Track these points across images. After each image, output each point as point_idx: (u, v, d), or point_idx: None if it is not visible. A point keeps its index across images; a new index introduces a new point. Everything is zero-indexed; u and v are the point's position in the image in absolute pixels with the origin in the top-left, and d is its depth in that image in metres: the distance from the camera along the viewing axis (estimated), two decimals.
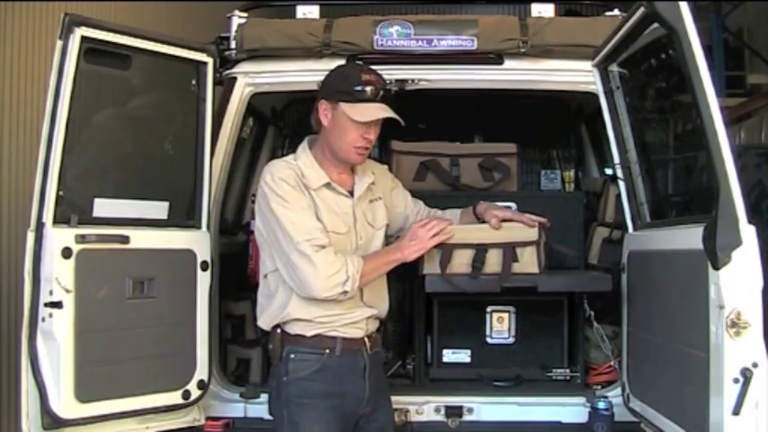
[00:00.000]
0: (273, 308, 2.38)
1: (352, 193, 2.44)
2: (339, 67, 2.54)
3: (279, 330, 2.38)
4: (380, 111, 2.35)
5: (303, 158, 2.40)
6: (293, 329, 2.36)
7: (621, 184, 2.78)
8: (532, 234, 2.56)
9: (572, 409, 2.86)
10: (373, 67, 2.98)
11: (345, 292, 2.30)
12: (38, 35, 3.90)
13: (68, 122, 2.41)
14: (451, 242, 2.54)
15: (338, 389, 2.36)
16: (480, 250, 2.54)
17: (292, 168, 2.36)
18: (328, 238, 2.32)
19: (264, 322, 2.42)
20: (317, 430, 2.33)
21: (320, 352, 2.34)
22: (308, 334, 2.35)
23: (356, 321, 2.39)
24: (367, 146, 2.39)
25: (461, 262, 2.56)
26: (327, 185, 2.38)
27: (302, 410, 2.32)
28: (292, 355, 2.35)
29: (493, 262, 2.52)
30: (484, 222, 2.60)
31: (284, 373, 2.35)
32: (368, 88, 2.33)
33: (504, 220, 2.57)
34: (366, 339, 2.42)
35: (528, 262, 2.55)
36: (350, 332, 2.37)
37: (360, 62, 2.89)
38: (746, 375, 1.92)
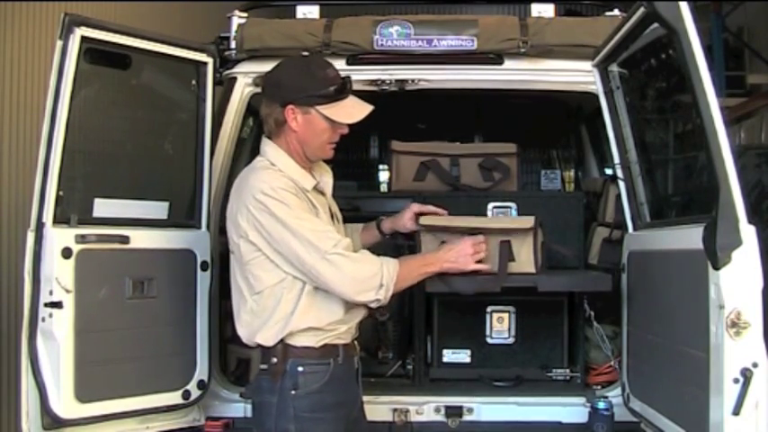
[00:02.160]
0: (275, 321, 2.25)
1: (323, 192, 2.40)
2: (293, 65, 2.36)
3: (281, 344, 2.25)
4: (362, 107, 2.30)
5: (283, 162, 2.28)
6: (300, 341, 2.26)
7: (621, 184, 2.78)
8: (527, 222, 2.55)
9: (572, 409, 2.86)
10: (373, 67, 3.02)
11: (378, 300, 2.24)
12: (38, 35, 3.90)
13: (68, 122, 2.41)
14: (447, 224, 2.54)
15: (343, 397, 2.32)
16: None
17: (283, 175, 2.25)
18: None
19: (266, 338, 2.26)
20: None
21: (327, 362, 2.27)
22: (317, 345, 2.26)
23: (352, 326, 2.36)
24: (338, 139, 2.34)
25: None
26: (314, 188, 2.32)
27: (314, 425, 2.25)
28: (300, 368, 2.23)
29: (490, 256, 2.51)
30: (383, 235, 2.63)
31: (291, 387, 2.24)
32: (340, 84, 2.27)
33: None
34: (355, 343, 2.40)
35: (525, 261, 2.55)
36: (346, 338, 2.34)
37: (306, 53, 2.84)
38: (746, 375, 1.92)
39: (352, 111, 2.29)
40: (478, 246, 2.41)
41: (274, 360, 2.25)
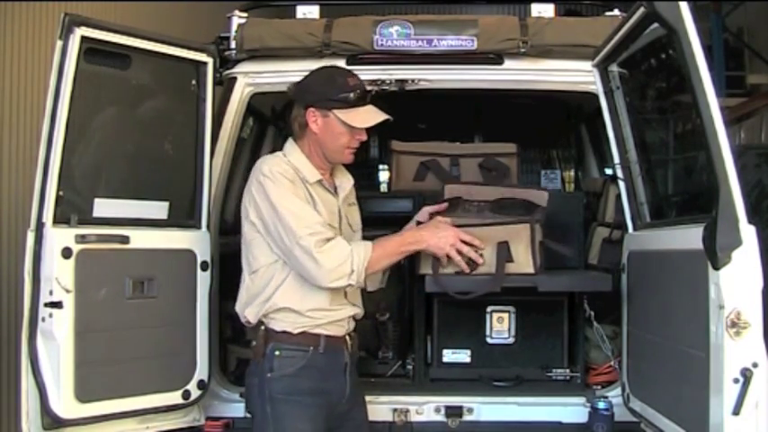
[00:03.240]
0: (262, 298, 2.38)
1: (336, 193, 2.49)
2: (320, 72, 2.49)
3: (263, 327, 2.39)
4: (377, 114, 2.41)
5: (294, 156, 2.43)
6: (279, 325, 2.37)
7: (621, 184, 2.78)
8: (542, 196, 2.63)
9: (572, 409, 2.86)
10: (373, 67, 3.02)
11: (351, 285, 2.33)
12: (38, 35, 3.90)
13: (68, 122, 2.41)
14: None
15: (322, 385, 2.38)
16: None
17: (288, 163, 2.39)
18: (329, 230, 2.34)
19: (251, 313, 2.41)
20: (302, 427, 2.34)
21: (305, 349, 2.36)
22: (295, 331, 2.36)
23: (340, 319, 2.42)
24: (358, 146, 2.45)
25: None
26: (319, 182, 2.42)
27: (288, 407, 2.33)
28: (277, 352, 2.36)
29: (488, 257, 2.51)
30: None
31: (268, 370, 2.35)
32: (359, 92, 2.39)
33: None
34: (347, 338, 2.45)
35: (523, 262, 2.55)
36: (333, 330, 2.40)
37: (338, 64, 2.83)
38: (746, 375, 1.92)
39: (367, 117, 2.40)
40: (463, 241, 2.43)
41: (254, 342, 2.39)
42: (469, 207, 2.68)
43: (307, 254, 2.28)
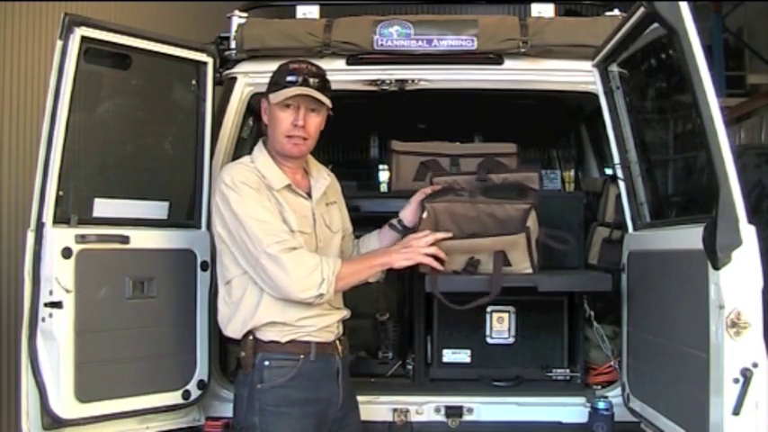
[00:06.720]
0: (242, 313, 2.32)
1: (309, 195, 2.43)
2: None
3: (251, 337, 2.33)
4: (297, 90, 2.31)
5: (261, 160, 2.37)
6: (267, 335, 2.31)
7: (621, 184, 2.78)
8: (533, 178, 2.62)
9: (572, 409, 2.86)
10: (373, 67, 3.02)
11: (321, 295, 2.25)
12: (38, 35, 3.90)
13: (68, 122, 2.41)
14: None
15: (314, 395, 2.33)
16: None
17: (251, 170, 2.33)
18: (296, 238, 2.29)
19: (234, 330, 2.35)
20: None
21: (295, 358, 2.31)
22: (283, 340, 2.30)
23: (329, 325, 2.37)
24: (300, 134, 2.34)
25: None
26: (288, 187, 2.36)
27: (278, 419, 2.28)
28: (266, 362, 2.30)
29: (485, 261, 2.52)
30: (406, 228, 2.57)
31: (258, 381, 2.29)
32: (292, 77, 2.32)
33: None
34: (338, 343, 2.41)
35: (520, 264, 2.55)
36: (323, 336, 2.35)
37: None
38: (746, 375, 1.92)
39: (283, 93, 2.31)
40: (424, 237, 2.37)
41: (243, 354, 2.33)
42: (461, 192, 2.65)
43: (275, 262, 2.21)
